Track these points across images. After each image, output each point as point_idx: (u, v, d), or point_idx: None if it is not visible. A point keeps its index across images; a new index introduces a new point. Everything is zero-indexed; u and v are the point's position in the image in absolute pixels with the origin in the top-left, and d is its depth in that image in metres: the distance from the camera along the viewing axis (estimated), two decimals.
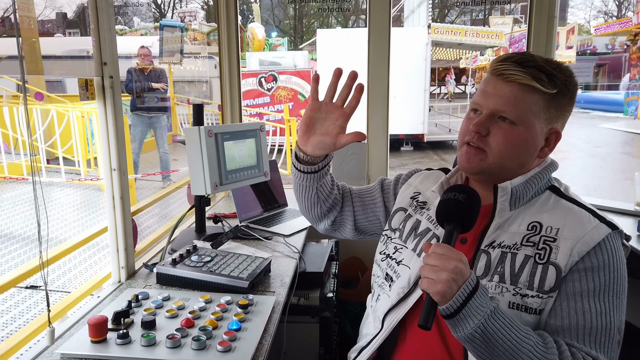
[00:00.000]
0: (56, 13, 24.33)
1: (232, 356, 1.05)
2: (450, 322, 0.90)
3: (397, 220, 1.27)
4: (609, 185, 7.79)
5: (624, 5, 26.45)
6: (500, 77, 1.04)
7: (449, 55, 17.63)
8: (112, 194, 1.45)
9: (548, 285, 0.98)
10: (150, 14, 24.83)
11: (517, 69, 1.01)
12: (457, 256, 0.90)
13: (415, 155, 10.92)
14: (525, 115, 1.03)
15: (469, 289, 0.89)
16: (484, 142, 1.05)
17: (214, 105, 10.44)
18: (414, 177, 1.35)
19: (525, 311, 0.99)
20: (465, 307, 0.88)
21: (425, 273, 0.90)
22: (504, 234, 1.05)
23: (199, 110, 1.79)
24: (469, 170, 1.10)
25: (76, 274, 3.87)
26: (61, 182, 6.69)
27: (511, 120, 1.03)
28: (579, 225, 1.01)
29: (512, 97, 1.02)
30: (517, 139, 1.03)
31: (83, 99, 1.77)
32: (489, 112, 1.05)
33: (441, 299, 0.88)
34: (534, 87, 1.01)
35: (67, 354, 1.06)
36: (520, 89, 1.02)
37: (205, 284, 1.38)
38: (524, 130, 1.03)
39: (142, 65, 6.77)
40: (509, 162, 1.06)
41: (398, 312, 1.15)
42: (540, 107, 1.03)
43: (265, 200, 2.21)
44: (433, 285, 0.88)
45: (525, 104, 1.02)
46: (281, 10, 28.22)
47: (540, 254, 1.00)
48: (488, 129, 1.05)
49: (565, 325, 0.97)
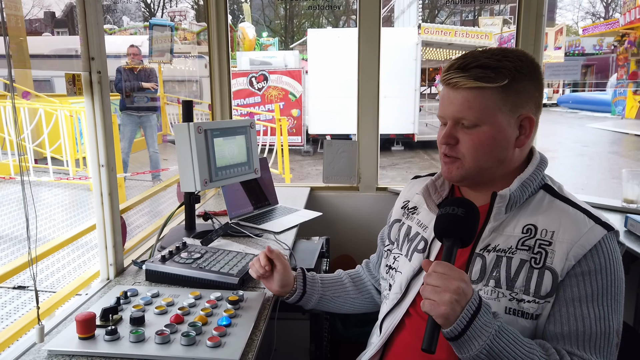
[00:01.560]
0: (44, 12, 24.09)
1: (222, 351, 1.05)
2: (454, 344, 0.89)
3: (394, 232, 1.28)
4: (597, 183, 7.88)
5: (611, 7, 26.77)
6: (449, 86, 1.04)
7: (439, 56, 17.70)
8: (100, 190, 1.43)
9: (544, 290, 0.97)
10: (140, 13, 24.68)
11: (460, 75, 1.01)
12: (458, 275, 0.89)
13: (406, 154, 10.96)
14: (484, 114, 1.02)
15: (472, 310, 0.88)
16: (455, 151, 1.06)
17: (204, 104, 10.41)
18: (404, 188, 1.36)
19: (521, 316, 0.98)
20: (469, 328, 0.87)
21: (427, 294, 0.88)
22: (499, 237, 1.04)
23: (188, 107, 1.78)
24: (451, 180, 1.11)
25: (64, 274, 3.83)
26: (49, 182, 6.62)
27: (472, 123, 1.03)
28: (575, 227, 0.99)
29: (465, 102, 1.02)
30: (485, 139, 1.03)
31: (70, 94, 1.74)
32: (451, 121, 1.06)
33: (444, 321, 0.87)
34: (482, 86, 1.00)
35: (55, 351, 1.05)
36: (469, 92, 1.02)
37: (194, 280, 1.37)
38: (488, 129, 1.02)
39: (131, 64, 6.73)
40: (484, 162, 1.05)
41: (394, 316, 1.15)
42: (497, 101, 1.01)
43: (256, 198, 2.20)
44: (436, 308, 0.86)
45: (479, 104, 1.01)
46: (272, 10, 28.19)
47: (535, 259, 0.99)
48: (456, 138, 1.05)
49: (565, 332, 0.96)
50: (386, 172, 8.84)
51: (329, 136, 9.61)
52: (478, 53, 1.04)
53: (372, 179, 2.66)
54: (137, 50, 6.88)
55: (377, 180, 2.67)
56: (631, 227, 1.88)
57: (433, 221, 1.15)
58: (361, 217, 2.67)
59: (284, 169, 7.32)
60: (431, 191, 1.19)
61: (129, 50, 6.84)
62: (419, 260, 1.14)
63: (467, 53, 1.06)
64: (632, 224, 1.88)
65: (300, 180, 8.13)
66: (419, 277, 1.14)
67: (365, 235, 2.44)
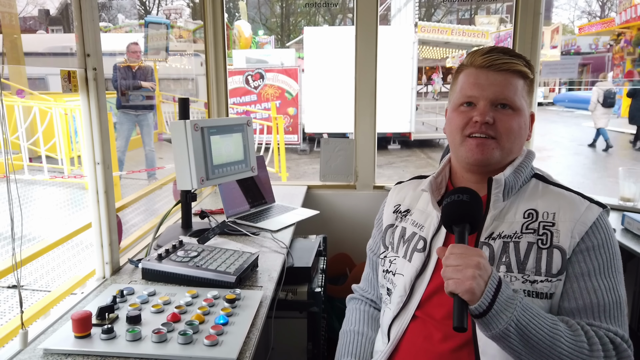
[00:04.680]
0: (38, 10, 23.94)
1: (219, 350, 1.04)
2: (482, 321, 0.89)
3: (388, 237, 1.27)
4: (593, 182, 7.91)
5: (607, 6, 26.87)
6: (491, 67, 1.08)
7: (436, 54, 17.73)
8: (96, 188, 1.42)
9: (555, 268, 1.00)
10: (135, 11, 24.57)
11: (507, 57, 1.08)
12: (476, 252, 0.91)
13: (402, 153, 10.97)
14: (519, 100, 1.08)
15: (495, 283, 0.89)
16: (493, 130, 1.07)
17: (200, 102, 10.37)
18: (389, 195, 1.35)
19: (536, 297, 1.00)
20: (495, 301, 0.88)
21: (449, 274, 0.89)
22: (502, 224, 1.07)
23: (185, 104, 1.77)
24: (483, 161, 1.09)
25: (59, 273, 3.81)
26: (44, 180, 6.57)
27: (511, 106, 1.07)
28: (573, 207, 1.05)
29: (508, 84, 1.07)
30: (518, 124, 1.09)
31: (66, 90, 1.72)
32: (488, 101, 1.07)
33: (471, 296, 0.87)
34: (523, 72, 1.09)
35: (50, 350, 1.04)
36: (511, 75, 1.08)
37: (191, 279, 1.36)
38: (520, 114, 1.09)
39: (128, 62, 6.65)
40: (515, 147, 1.10)
41: (402, 320, 1.14)
42: (526, 92, 1.10)
43: (252, 196, 2.19)
44: (460, 284, 0.87)
45: (518, 90, 1.08)
46: (268, 8, 28.13)
47: (542, 239, 1.03)
48: (493, 118, 1.07)
49: (580, 306, 1.00)
50: (383, 170, 8.85)
51: (326, 134, 9.61)
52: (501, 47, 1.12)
53: (369, 177, 2.66)
54: (139, 47, 6.80)
55: (374, 178, 2.67)
56: (628, 225, 1.89)
57: (429, 219, 1.17)
58: (358, 216, 2.67)
59: (280, 167, 7.31)
60: (433, 188, 1.19)
61: (132, 47, 6.70)
62: (421, 260, 1.14)
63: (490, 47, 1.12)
64: (629, 222, 1.88)
65: (297, 179, 8.12)
66: (422, 277, 1.13)
67: (362, 233, 2.43)
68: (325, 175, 2.70)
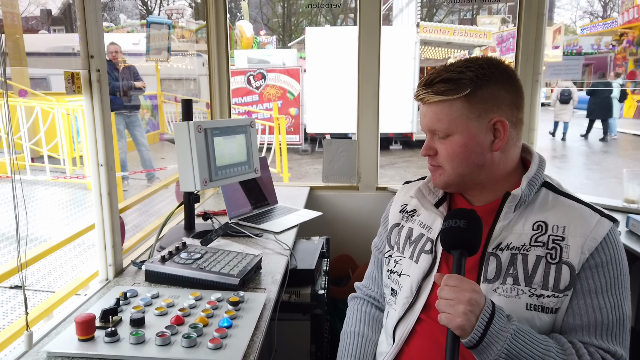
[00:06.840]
0: (41, 10, 23.97)
1: (223, 354, 1.03)
2: (475, 351, 0.94)
3: (394, 236, 1.27)
4: (595, 183, 7.89)
5: (609, 6, 26.81)
6: (420, 101, 1.12)
7: (438, 54, 17.71)
8: (99, 190, 1.42)
9: (563, 284, 1.00)
10: (137, 11, 24.59)
11: (425, 91, 1.08)
12: (469, 286, 0.93)
13: (404, 154, 10.95)
14: (452, 124, 1.06)
15: (486, 317, 0.92)
16: (436, 161, 1.12)
17: (202, 103, 10.37)
18: (397, 194, 1.37)
19: (542, 311, 1.01)
20: (486, 335, 0.91)
21: (442, 308, 0.93)
22: (510, 236, 1.06)
23: (188, 106, 1.77)
24: (437, 186, 1.17)
25: (62, 274, 3.81)
26: (46, 181, 6.58)
27: (444, 134, 1.08)
28: (584, 221, 1.03)
29: (434, 115, 1.08)
30: (457, 147, 1.07)
31: (69, 92, 1.72)
32: (429, 133, 1.12)
33: (462, 332, 0.91)
34: (445, 99, 1.06)
35: (54, 353, 1.03)
36: (436, 105, 1.08)
37: (195, 281, 1.36)
38: (459, 138, 1.06)
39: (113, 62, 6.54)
40: (462, 169, 1.09)
41: (407, 322, 1.14)
42: (463, 110, 1.05)
43: (255, 197, 2.19)
44: (452, 320, 0.91)
45: (446, 116, 1.06)
46: (270, 8, 28.13)
47: (551, 254, 1.02)
48: (434, 148, 1.11)
49: (584, 323, 1.00)
50: (385, 171, 8.83)
51: (327, 135, 9.59)
52: (442, 68, 1.09)
53: (372, 178, 2.65)
54: (116, 47, 6.64)
55: (377, 179, 2.66)
56: (632, 228, 1.88)
57: (436, 221, 1.17)
58: (361, 217, 2.66)
59: (282, 168, 7.30)
60: (425, 192, 1.21)
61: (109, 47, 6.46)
62: (428, 261, 1.14)
63: (435, 69, 1.12)
64: (633, 224, 1.88)
65: (299, 180, 8.12)
66: (429, 279, 1.13)
67: (365, 234, 2.42)
68: (328, 177, 2.69)
